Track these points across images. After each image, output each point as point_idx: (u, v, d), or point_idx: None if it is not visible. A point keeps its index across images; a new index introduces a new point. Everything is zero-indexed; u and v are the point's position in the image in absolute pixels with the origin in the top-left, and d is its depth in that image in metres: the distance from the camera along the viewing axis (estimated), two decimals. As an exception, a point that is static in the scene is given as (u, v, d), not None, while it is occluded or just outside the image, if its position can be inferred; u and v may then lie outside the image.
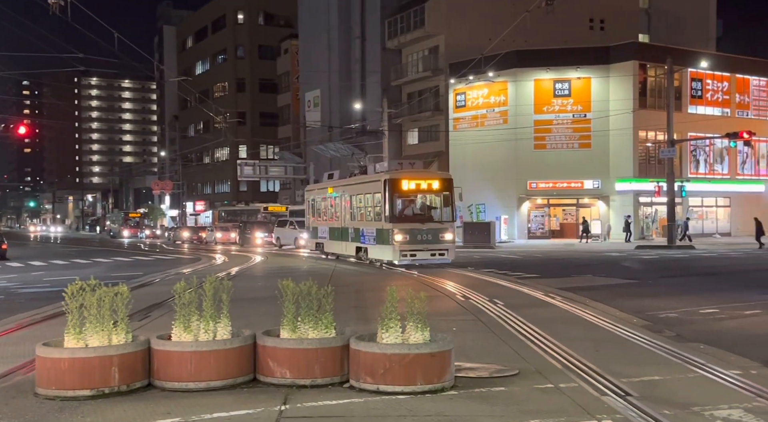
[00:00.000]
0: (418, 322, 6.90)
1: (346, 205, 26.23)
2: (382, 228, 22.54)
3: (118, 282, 7.90)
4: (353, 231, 25.54)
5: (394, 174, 22.94)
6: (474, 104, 48.68)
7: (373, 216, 23.59)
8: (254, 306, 12.73)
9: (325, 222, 28.93)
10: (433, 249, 22.31)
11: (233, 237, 48.84)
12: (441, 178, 23.43)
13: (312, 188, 32.16)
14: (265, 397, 6.61)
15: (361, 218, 24.89)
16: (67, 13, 17.67)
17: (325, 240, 28.87)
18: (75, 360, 6.68)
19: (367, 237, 23.96)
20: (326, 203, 28.79)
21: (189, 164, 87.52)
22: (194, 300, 7.19)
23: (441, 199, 23.17)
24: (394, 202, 22.40)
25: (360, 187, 25.13)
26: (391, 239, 22.05)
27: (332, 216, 27.93)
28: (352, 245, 25.63)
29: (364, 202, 24.68)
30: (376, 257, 23.56)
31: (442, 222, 22.66)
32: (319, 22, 63.50)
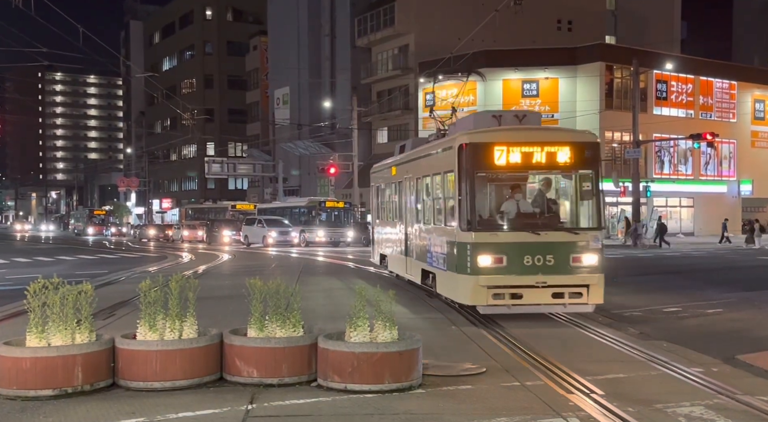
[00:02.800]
0: (386, 321, 6.90)
1: (409, 197, 15.37)
2: (455, 240, 11.51)
3: (82, 280, 7.78)
4: (418, 241, 14.51)
5: (478, 135, 11.54)
6: (443, 103, 48.75)
7: (444, 217, 12.51)
8: (222, 305, 12.63)
9: (387, 223, 18.23)
10: (558, 285, 10.95)
11: (200, 235, 48.37)
12: (575, 143, 11.49)
13: (378, 168, 19.61)
14: (231, 396, 6.57)
15: (428, 219, 13.72)
16: (30, 7, 17.35)
17: (388, 252, 18.08)
18: (37, 360, 6.56)
19: (435, 254, 12.92)
20: (389, 193, 17.90)
21: (155, 161, 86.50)
22: (160, 298, 7.11)
23: (574, 183, 11.89)
24: (474, 189, 11.34)
25: (425, 163, 13.98)
26: (468, 262, 11.07)
27: (394, 215, 17.19)
28: (417, 265, 14.49)
29: (430, 189, 13.60)
30: (447, 293, 12.34)
31: (577, 231, 11.33)
32: (288, 19, 63.21)
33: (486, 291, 10.78)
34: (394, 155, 17.68)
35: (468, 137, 11.29)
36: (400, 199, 16.15)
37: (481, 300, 10.86)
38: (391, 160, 17.84)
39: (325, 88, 59.18)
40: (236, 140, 76.31)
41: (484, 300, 10.84)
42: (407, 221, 15.34)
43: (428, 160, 13.58)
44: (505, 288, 10.82)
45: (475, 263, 10.84)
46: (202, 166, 63.72)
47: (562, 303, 10.95)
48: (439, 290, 12.72)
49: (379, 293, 6.95)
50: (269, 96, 67.31)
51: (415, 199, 14.56)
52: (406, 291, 15.09)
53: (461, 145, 11.18)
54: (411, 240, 15.03)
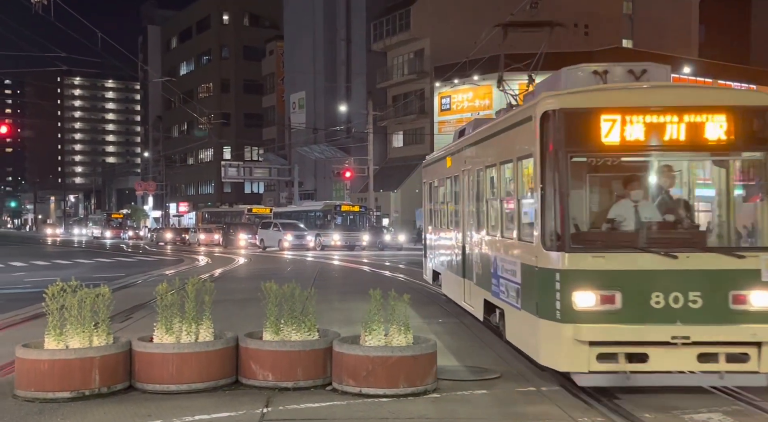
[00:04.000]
0: (401, 325, 6.90)
1: (468, 196, 11.21)
2: (534, 263, 7.32)
3: (99, 283, 7.85)
4: (478, 259, 10.38)
5: (573, 97, 7.21)
6: (459, 107, 48.81)
7: (517, 226, 8.20)
8: (237, 308, 12.68)
9: (440, 231, 14.12)
10: (709, 341, 6.70)
11: (217, 238, 48.60)
12: (739, 108, 7.03)
13: (431, 161, 15.56)
14: (247, 399, 6.59)
15: (493, 228, 9.59)
16: (50, 12, 17.55)
17: (442, 270, 13.86)
18: (55, 362, 6.62)
19: (504, 281, 8.77)
20: (443, 191, 13.81)
21: (172, 165, 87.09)
22: (176, 301, 7.15)
23: (734, 172, 7.51)
24: (567, 182, 7.00)
25: (490, 147, 9.85)
26: (558, 301, 6.87)
27: (448, 221, 13.16)
28: (477, 293, 10.38)
29: (497, 185, 9.53)
30: (523, 345, 7.98)
31: (742, 253, 6.90)
32: (304, 24, 63.45)
33: (587, 350, 6.58)
34: (453, 140, 13.00)
35: (557, 100, 6.90)
36: (456, 199, 11.87)
37: (580, 364, 6.61)
38: (448, 146, 13.19)
39: (341, 93, 59.31)
40: (252, 144, 76.65)
41: (583, 365, 6.59)
42: (465, 229, 10.97)
43: (494, 142, 9.21)
44: (619, 345, 6.60)
45: (568, 303, 6.61)
46: (218, 169, 64.02)
47: (715, 370, 6.61)
48: (509, 336, 8.38)
49: (394, 297, 6.95)
50: (285, 100, 67.56)
51: (476, 199, 10.21)
52: (420, 293, 15.06)
53: (546, 113, 6.89)
54: (470, 257, 10.65)
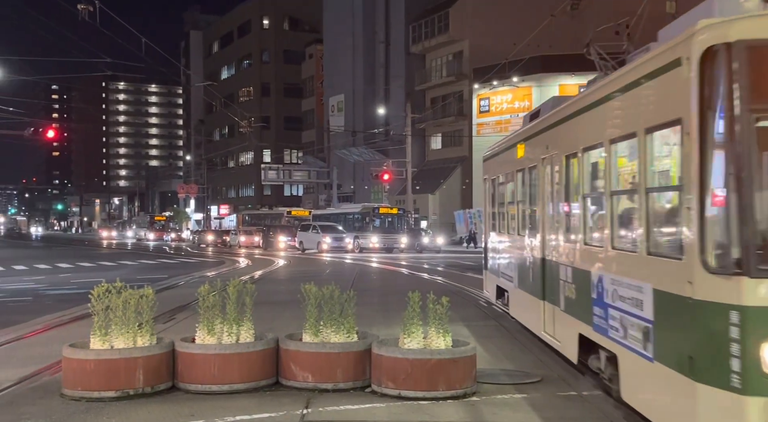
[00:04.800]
0: (440, 328, 6.89)
1: (551, 192, 8.54)
2: (684, 292, 4.71)
3: (143, 284, 7.99)
4: (567, 276, 7.68)
5: (758, 23, 4.45)
6: (498, 109, 48.55)
7: (646, 234, 5.50)
8: (277, 310, 12.79)
9: (507, 236, 11.57)
10: None
11: (257, 241, 49.10)
12: None
13: (494, 152, 12.80)
14: (287, 401, 6.64)
15: (597, 235, 6.86)
16: (96, 19, 17.95)
17: (510, 287, 11.20)
18: (100, 362, 6.76)
19: (617, 313, 6.02)
20: (511, 188, 11.27)
21: (214, 168, 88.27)
22: (218, 303, 7.24)
23: None
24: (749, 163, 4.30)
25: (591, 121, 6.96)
26: (731, 358, 4.27)
27: (520, 224, 10.56)
28: (567, 323, 7.67)
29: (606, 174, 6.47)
30: (655, 413, 5.37)
31: None
32: (343, 27, 63.80)
33: None
34: (522, 126, 10.75)
35: (731, 28, 4.54)
36: (531, 196, 9.48)
37: None
38: (518, 132, 10.75)
39: (379, 95, 59.46)
40: (292, 147, 77.27)
41: None
42: (546, 235, 8.50)
43: (598, 113, 6.66)
44: None
45: (754, 361, 4.26)
46: (258, 172, 64.71)
47: None
48: (627, 396, 5.93)
49: (433, 300, 6.94)
50: (324, 103, 67.99)
51: (565, 195, 7.79)
52: (459, 295, 15.00)
53: (711, 50, 4.58)
54: (553, 273, 8.10)
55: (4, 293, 18.67)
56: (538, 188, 9.03)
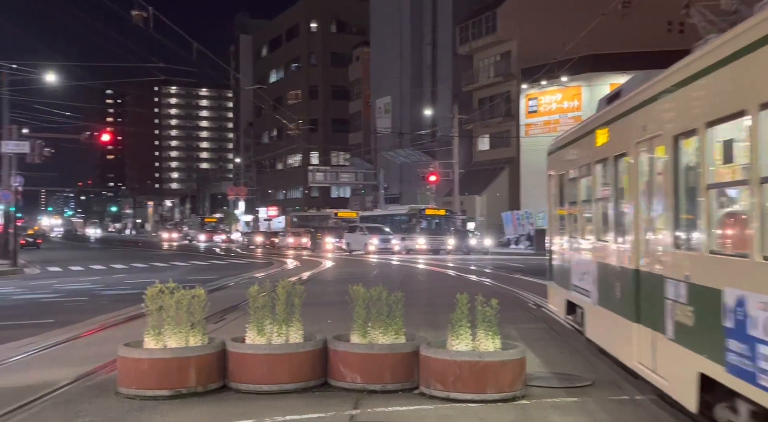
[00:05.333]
0: (488, 330, 6.84)
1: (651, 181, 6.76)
2: None
3: (194, 285, 8.13)
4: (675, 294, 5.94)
5: None
6: (546, 109, 48.01)
7: None
8: (325, 311, 12.86)
9: (581, 241, 9.69)
10: None
11: (305, 242, 49.53)
12: None
13: (564, 142, 10.96)
14: (336, 401, 6.68)
15: (736, 233, 5.25)
16: (149, 25, 18.35)
17: (586, 302, 9.18)
18: (154, 361, 6.90)
19: None
20: (586, 183, 9.41)
21: (262, 170, 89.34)
22: (267, 303, 7.32)
23: None
24: None
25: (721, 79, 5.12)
26: None
27: (600, 227, 8.68)
28: (679, 356, 5.85)
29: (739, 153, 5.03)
30: None
31: None
32: (390, 30, 63.93)
33: None
34: (597, 111, 9.32)
35: None
36: (618, 191, 7.81)
37: None
38: (591, 119, 9.35)
39: (426, 97, 59.37)
40: (339, 149, 77.69)
41: None
42: (643, 241, 6.86)
43: (738, 69, 4.91)
44: None
45: None
46: (306, 174, 65.22)
47: None
48: None
49: (481, 302, 6.89)
50: (371, 105, 68.20)
51: (673, 188, 6.14)
52: (507, 297, 14.86)
53: None
54: (653, 288, 6.47)
55: (62, 293, 19.23)
56: (629, 181, 7.23)
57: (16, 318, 13.84)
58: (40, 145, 32.69)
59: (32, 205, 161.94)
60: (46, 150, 33.24)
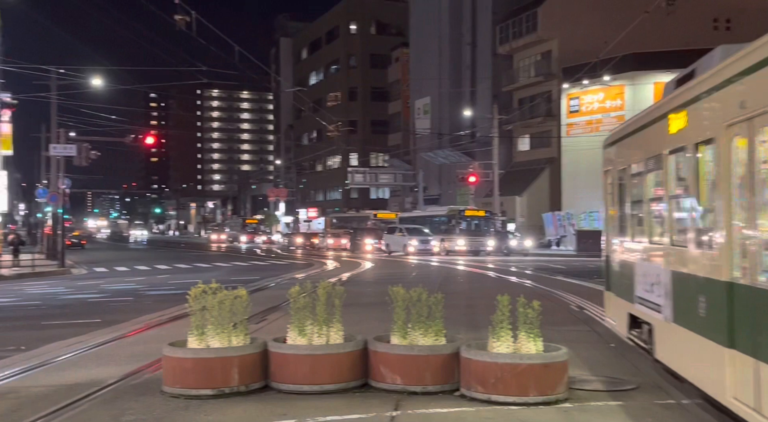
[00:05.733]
0: (530, 332, 6.77)
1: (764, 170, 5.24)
2: None
3: (236, 285, 8.23)
4: None
5: None
6: (588, 109, 47.40)
7: None
8: (365, 312, 12.90)
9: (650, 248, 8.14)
10: None
11: (344, 243, 49.72)
12: None
13: (626, 131, 9.45)
14: (376, 402, 6.69)
15: None
16: (192, 29, 18.64)
17: (657, 316, 7.68)
18: (198, 361, 7.00)
19: None
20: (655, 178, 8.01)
21: (302, 172, 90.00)
22: (308, 304, 7.36)
23: None
24: None
25: None
26: None
27: (674, 229, 7.28)
28: None
29: None
30: None
31: None
32: (429, 30, 63.86)
33: None
34: (664, 96, 8.21)
35: None
36: (700, 186, 6.64)
37: None
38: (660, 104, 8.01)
39: (466, 97, 59.13)
40: (378, 150, 77.86)
41: None
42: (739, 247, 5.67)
43: None
44: None
45: None
46: (345, 176, 65.52)
47: None
48: None
49: (522, 304, 6.84)
50: (410, 106, 68.19)
51: None
52: (549, 299, 14.71)
53: None
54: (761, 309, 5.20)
55: (108, 293, 19.64)
56: (719, 172, 5.98)
57: (64, 317, 14.19)
58: (86, 148, 33.45)
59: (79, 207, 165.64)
60: (93, 153, 33.98)
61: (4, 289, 21.46)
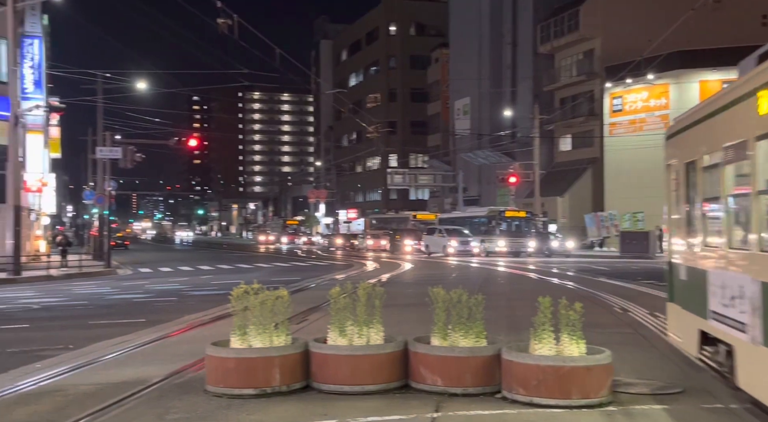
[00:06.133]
0: (573, 334, 6.69)
1: None
2: None
3: (278, 286, 8.29)
4: None
5: None
6: (632, 108, 46.67)
7: None
8: (405, 313, 12.89)
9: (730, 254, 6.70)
10: None
11: (384, 244, 49.78)
12: None
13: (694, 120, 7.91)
14: (417, 403, 6.68)
15: None
16: (234, 32, 18.87)
17: (739, 337, 6.34)
18: (240, 360, 7.07)
19: None
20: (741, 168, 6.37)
21: (342, 173, 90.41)
22: (348, 305, 7.38)
23: None
24: None
25: None
26: None
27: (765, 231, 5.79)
28: None
29: None
30: None
31: None
32: (470, 30, 63.59)
33: None
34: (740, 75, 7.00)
35: None
36: None
37: None
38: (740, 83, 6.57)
39: (506, 97, 58.72)
40: (417, 151, 77.80)
41: None
42: None
43: None
44: None
45: None
46: (385, 177, 65.60)
47: None
48: None
49: (564, 305, 6.75)
50: (450, 107, 67.98)
51: None
52: (592, 301, 14.51)
53: None
54: None
55: (152, 293, 19.99)
56: None
57: (110, 316, 14.48)
58: (131, 151, 34.08)
59: (124, 209, 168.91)
60: (137, 155, 34.61)
61: (54, 289, 22.00)
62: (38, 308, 16.32)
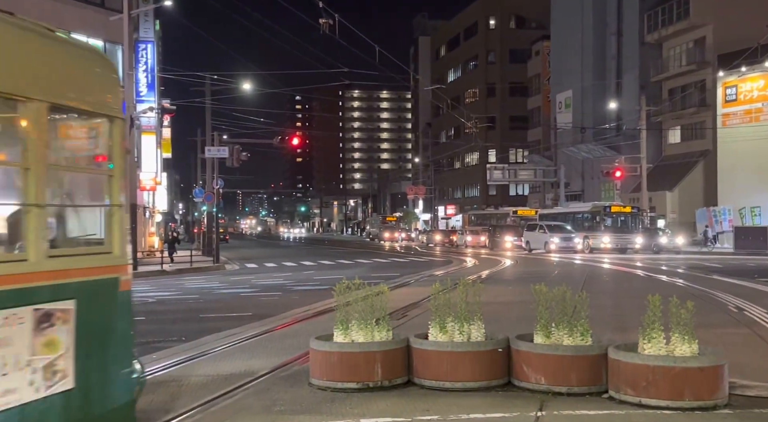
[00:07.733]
0: (684, 333, 6.41)
1: None
2: None
3: (378, 282, 8.38)
4: None
5: None
6: (747, 97, 44.20)
7: None
8: (505, 310, 12.74)
9: None
10: None
11: (483, 240, 49.31)
12: None
13: None
14: (520, 402, 6.59)
15: None
16: (335, 31, 19.19)
17: None
18: (343, 355, 7.19)
19: None
20: None
21: (440, 169, 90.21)
22: (449, 302, 7.36)
23: None
24: None
25: None
26: None
27: None
28: None
29: None
30: None
31: None
32: (572, 21, 62.04)
33: None
34: None
35: None
36: None
37: None
38: None
39: (610, 89, 56.93)
40: (517, 146, 76.64)
41: None
42: None
43: None
44: None
45: None
46: (483, 172, 65.01)
47: None
48: None
49: (675, 304, 6.48)
50: (551, 100, 66.57)
51: None
52: (704, 299, 13.87)
53: None
54: None
55: (258, 288, 20.63)
56: None
57: (219, 310, 15.06)
58: (237, 150, 35.27)
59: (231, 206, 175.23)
60: (243, 154, 35.78)
61: (166, 284, 23.10)
62: (153, 302, 17.16)
